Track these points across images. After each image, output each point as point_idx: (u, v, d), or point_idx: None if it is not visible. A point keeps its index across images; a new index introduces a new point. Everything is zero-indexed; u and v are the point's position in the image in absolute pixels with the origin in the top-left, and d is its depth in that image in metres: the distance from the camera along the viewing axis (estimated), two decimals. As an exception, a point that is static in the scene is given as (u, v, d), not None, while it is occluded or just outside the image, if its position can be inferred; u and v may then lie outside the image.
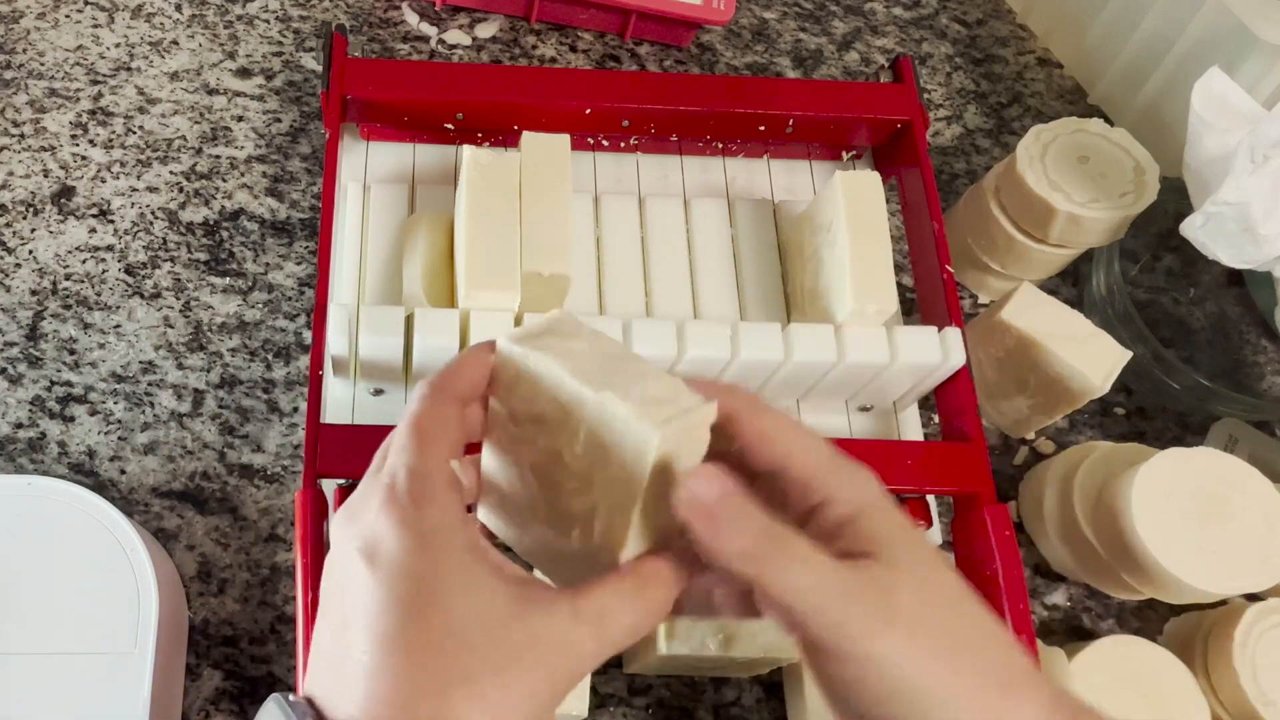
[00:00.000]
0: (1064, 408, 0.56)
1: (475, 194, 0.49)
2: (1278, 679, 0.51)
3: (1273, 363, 0.66)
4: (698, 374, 0.49)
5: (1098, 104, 0.73)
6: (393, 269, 0.53)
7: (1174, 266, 0.67)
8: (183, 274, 0.59)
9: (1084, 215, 0.57)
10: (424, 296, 0.50)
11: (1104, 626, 0.57)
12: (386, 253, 0.53)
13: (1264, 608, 0.52)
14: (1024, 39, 0.76)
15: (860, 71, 0.73)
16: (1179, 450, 0.52)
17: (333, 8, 0.69)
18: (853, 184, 0.51)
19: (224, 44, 0.66)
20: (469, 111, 0.55)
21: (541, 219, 0.49)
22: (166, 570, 0.49)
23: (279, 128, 0.64)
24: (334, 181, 0.52)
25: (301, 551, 0.44)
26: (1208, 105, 0.53)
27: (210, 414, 0.56)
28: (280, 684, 0.51)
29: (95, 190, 0.61)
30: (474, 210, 0.49)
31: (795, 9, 0.74)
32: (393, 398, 0.52)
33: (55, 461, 0.54)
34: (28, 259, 0.59)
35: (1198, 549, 0.50)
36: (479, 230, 0.48)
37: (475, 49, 0.69)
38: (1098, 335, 0.54)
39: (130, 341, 0.57)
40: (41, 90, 0.63)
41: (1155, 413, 0.63)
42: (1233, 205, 0.51)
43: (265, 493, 0.55)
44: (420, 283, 0.50)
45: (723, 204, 0.58)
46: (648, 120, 0.57)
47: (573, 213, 0.50)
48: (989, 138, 0.71)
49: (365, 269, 0.53)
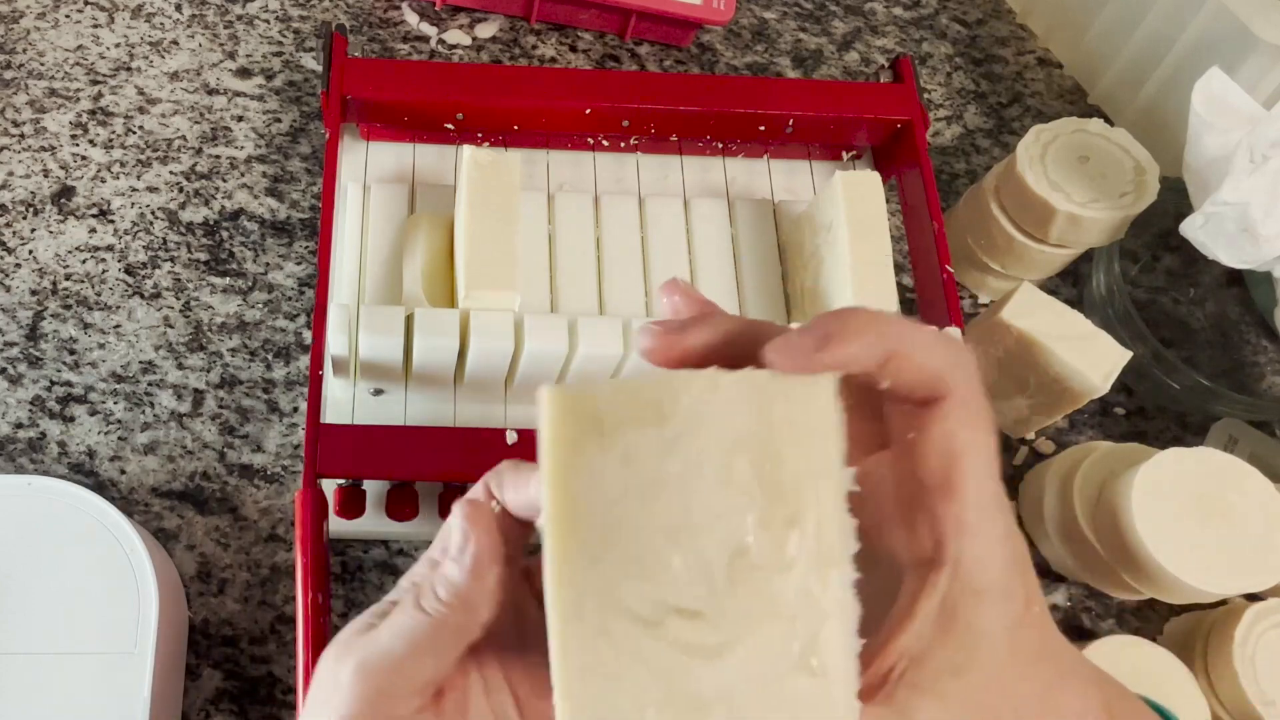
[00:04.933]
0: (1064, 408, 0.56)
1: (475, 194, 0.49)
2: (1278, 679, 0.51)
3: (1273, 363, 0.66)
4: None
5: (1098, 104, 0.73)
6: (393, 269, 0.53)
7: (1174, 266, 0.67)
8: (183, 274, 0.59)
9: (1084, 215, 0.57)
10: (424, 296, 0.50)
11: (1104, 626, 0.57)
12: (386, 253, 0.53)
13: (1264, 608, 0.52)
14: (1024, 39, 0.76)
15: (860, 71, 0.73)
16: (1179, 450, 0.52)
17: (333, 8, 0.69)
18: (853, 184, 0.51)
19: (224, 44, 0.66)
20: (469, 111, 0.55)
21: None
22: (166, 570, 0.49)
23: (279, 128, 0.64)
24: (334, 181, 0.52)
25: (301, 551, 0.44)
26: (1208, 105, 0.53)
27: (210, 414, 0.56)
28: (280, 684, 0.51)
29: (95, 190, 0.61)
30: (474, 210, 0.49)
31: (795, 9, 0.74)
32: (393, 398, 0.52)
33: (55, 461, 0.54)
34: (28, 259, 0.59)
35: (1198, 549, 0.50)
36: (479, 230, 0.48)
37: (475, 49, 0.69)
38: (1098, 335, 0.54)
39: (130, 341, 0.57)
40: (41, 90, 0.63)
41: (1155, 413, 0.63)
42: (1232, 205, 0.51)
43: (265, 493, 0.55)
44: (420, 283, 0.50)
45: (723, 204, 0.58)
46: (648, 120, 0.57)
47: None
48: (989, 138, 0.71)
49: (365, 269, 0.53)
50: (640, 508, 0.24)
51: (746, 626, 0.24)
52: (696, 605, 0.24)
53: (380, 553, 0.54)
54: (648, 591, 0.24)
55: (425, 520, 0.52)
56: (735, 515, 0.24)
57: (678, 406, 0.24)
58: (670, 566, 0.24)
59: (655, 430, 0.24)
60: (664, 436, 0.24)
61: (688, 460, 0.24)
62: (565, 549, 0.24)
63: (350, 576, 0.53)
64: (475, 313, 0.47)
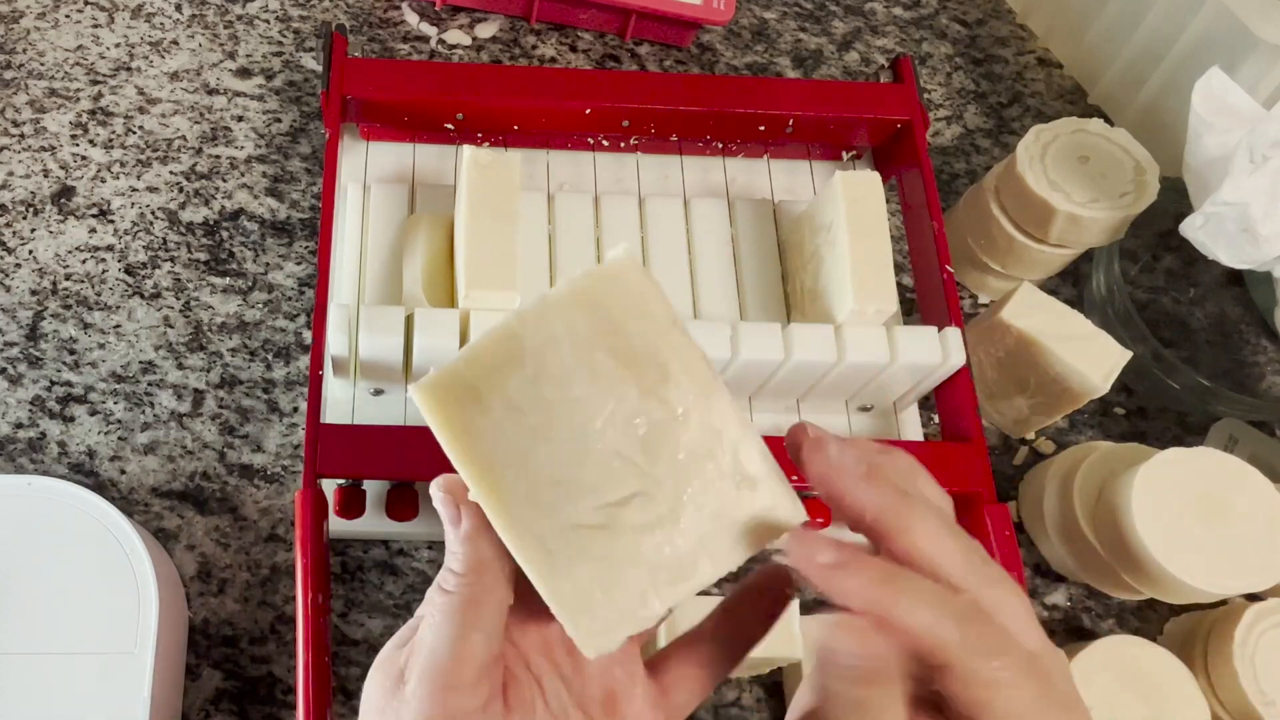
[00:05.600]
0: (1064, 408, 0.56)
1: (475, 194, 0.49)
2: (1278, 679, 0.51)
3: (1273, 363, 0.66)
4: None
5: (1098, 104, 0.73)
6: (393, 269, 0.53)
7: (1174, 266, 0.67)
8: (183, 274, 0.59)
9: (1084, 215, 0.57)
10: (424, 296, 0.50)
11: (1104, 626, 0.57)
12: (386, 253, 0.53)
13: (1264, 608, 0.52)
14: (1024, 39, 0.76)
15: (860, 71, 0.73)
16: (1179, 450, 0.52)
17: (333, 8, 0.69)
18: (853, 184, 0.51)
19: (224, 44, 0.66)
20: (469, 111, 0.55)
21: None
22: (166, 570, 0.49)
23: (279, 128, 0.64)
24: (334, 181, 0.52)
25: (301, 551, 0.44)
26: (1208, 105, 0.53)
27: (210, 414, 0.56)
28: (280, 684, 0.51)
29: (95, 190, 0.61)
30: (474, 210, 0.49)
31: (795, 9, 0.74)
32: (393, 398, 0.52)
33: (55, 461, 0.54)
34: (28, 259, 0.59)
35: (1198, 549, 0.50)
36: (479, 230, 0.48)
37: (475, 49, 0.69)
38: (1098, 335, 0.54)
39: (130, 341, 0.57)
40: (41, 90, 0.63)
41: (1155, 413, 0.63)
42: (1232, 205, 0.51)
43: (265, 493, 0.55)
44: (420, 283, 0.50)
45: (723, 204, 0.58)
46: (648, 120, 0.57)
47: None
48: (989, 138, 0.71)
49: (365, 269, 0.53)
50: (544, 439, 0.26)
51: (681, 480, 0.27)
52: (631, 489, 0.26)
53: (380, 553, 0.54)
54: (587, 501, 0.26)
55: (425, 520, 0.52)
56: (619, 400, 0.26)
57: (525, 343, 0.26)
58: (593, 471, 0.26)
59: (518, 372, 0.26)
60: (528, 374, 0.26)
61: (557, 380, 0.26)
62: (501, 505, 0.26)
63: (350, 576, 0.53)
64: (475, 313, 0.47)
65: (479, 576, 0.29)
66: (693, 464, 0.27)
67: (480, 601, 0.29)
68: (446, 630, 0.29)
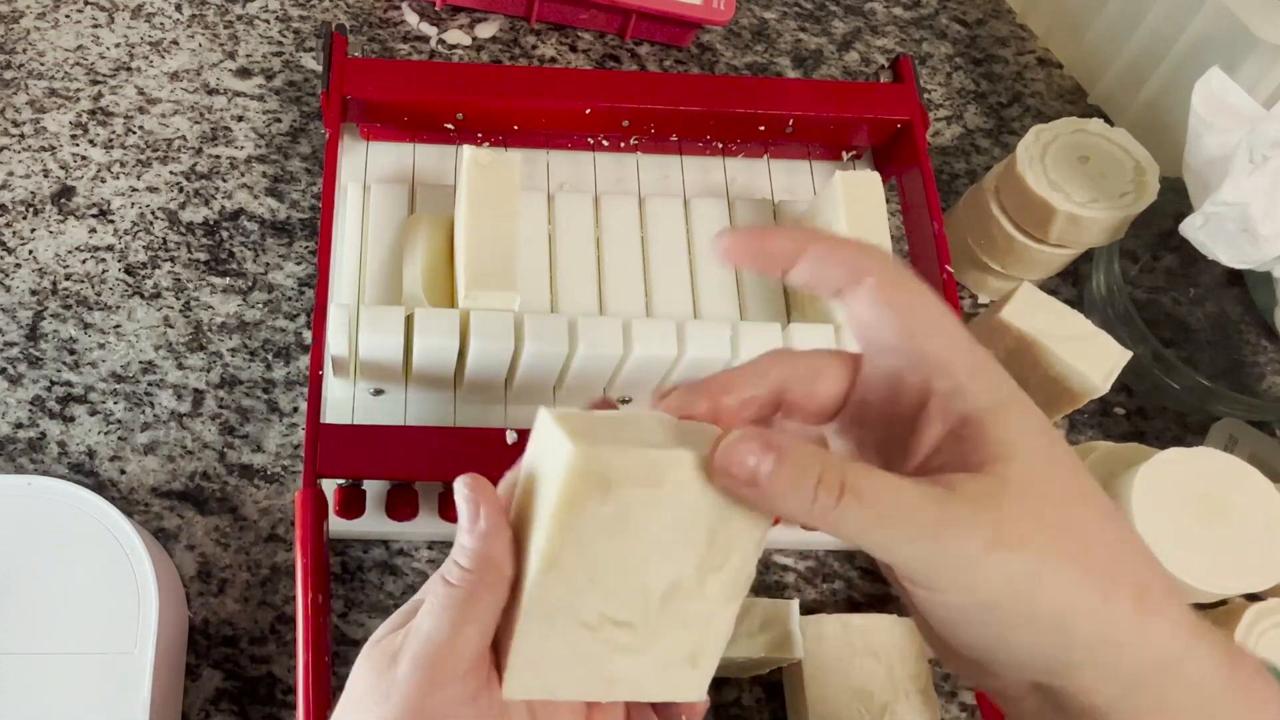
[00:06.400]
0: (1064, 408, 0.56)
1: (475, 194, 0.49)
2: (1278, 679, 0.51)
3: (1273, 363, 0.66)
4: (698, 374, 0.49)
5: (1098, 104, 0.73)
6: (393, 269, 0.53)
7: (1174, 266, 0.67)
8: (183, 274, 0.59)
9: (1084, 215, 0.57)
10: (424, 296, 0.50)
11: (1104, 626, 0.57)
12: (386, 253, 0.53)
13: (1264, 608, 0.52)
14: (1024, 39, 0.76)
15: (860, 71, 0.73)
16: (1179, 450, 0.52)
17: (333, 8, 0.69)
18: (853, 184, 0.51)
19: (224, 44, 0.66)
20: (469, 111, 0.55)
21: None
22: (166, 570, 0.49)
23: (279, 128, 0.64)
24: (334, 181, 0.52)
25: (301, 551, 0.44)
26: (1208, 105, 0.53)
27: (210, 414, 0.56)
28: (280, 684, 0.51)
29: (95, 190, 0.61)
30: (474, 210, 0.49)
31: (795, 9, 0.74)
32: (393, 398, 0.52)
33: (55, 461, 0.54)
34: (28, 259, 0.59)
35: (1198, 549, 0.50)
36: (479, 230, 0.48)
37: (475, 49, 0.69)
38: (1098, 335, 0.54)
39: (130, 341, 0.57)
40: (41, 90, 0.63)
41: (1155, 413, 0.63)
42: (1232, 205, 0.51)
43: (265, 493, 0.55)
44: (420, 283, 0.50)
45: (723, 204, 0.58)
46: (648, 120, 0.57)
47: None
48: (989, 138, 0.71)
49: (365, 269, 0.53)
50: (617, 549, 0.29)
51: (660, 633, 0.30)
52: (630, 618, 0.30)
53: (380, 553, 0.54)
54: (597, 605, 0.30)
55: (425, 520, 0.52)
56: (683, 562, 0.29)
57: (670, 478, 0.28)
58: (620, 589, 0.29)
59: (650, 491, 0.28)
60: (654, 498, 0.28)
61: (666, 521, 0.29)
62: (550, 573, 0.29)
63: (350, 576, 0.53)
64: (475, 313, 0.47)
65: (484, 575, 0.30)
66: (680, 627, 0.30)
67: (480, 598, 0.30)
68: (445, 620, 0.30)
